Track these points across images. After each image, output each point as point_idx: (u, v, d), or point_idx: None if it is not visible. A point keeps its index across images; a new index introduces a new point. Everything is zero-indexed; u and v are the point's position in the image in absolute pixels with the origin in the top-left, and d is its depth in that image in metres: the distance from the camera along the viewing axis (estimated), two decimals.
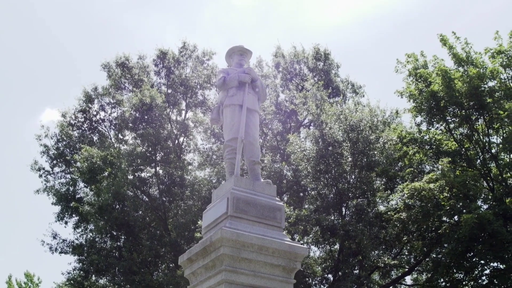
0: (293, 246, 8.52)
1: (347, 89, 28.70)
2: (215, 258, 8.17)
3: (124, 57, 28.48)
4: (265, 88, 10.33)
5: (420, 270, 26.46)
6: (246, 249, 8.16)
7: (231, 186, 8.81)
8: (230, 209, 8.51)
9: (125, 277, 21.78)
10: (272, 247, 8.31)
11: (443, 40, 22.44)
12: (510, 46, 21.43)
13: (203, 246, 8.37)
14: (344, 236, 19.08)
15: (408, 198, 20.30)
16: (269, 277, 8.28)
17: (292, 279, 8.51)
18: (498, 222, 18.05)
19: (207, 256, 8.36)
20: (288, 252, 8.44)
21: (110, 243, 24.27)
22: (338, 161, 20.42)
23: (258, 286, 8.13)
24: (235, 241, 8.06)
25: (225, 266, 8.00)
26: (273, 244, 8.33)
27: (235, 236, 8.06)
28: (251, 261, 8.20)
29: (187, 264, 8.87)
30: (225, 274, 7.97)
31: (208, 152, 28.00)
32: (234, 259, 8.08)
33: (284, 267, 8.43)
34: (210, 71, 27.79)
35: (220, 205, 8.78)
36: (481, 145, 22.19)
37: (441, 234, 21.16)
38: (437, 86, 21.81)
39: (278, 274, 8.38)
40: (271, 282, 8.27)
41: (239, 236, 8.10)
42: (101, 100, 28.49)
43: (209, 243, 8.20)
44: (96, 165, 23.54)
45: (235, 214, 8.51)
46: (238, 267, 8.08)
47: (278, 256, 8.38)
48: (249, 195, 8.77)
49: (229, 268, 8.01)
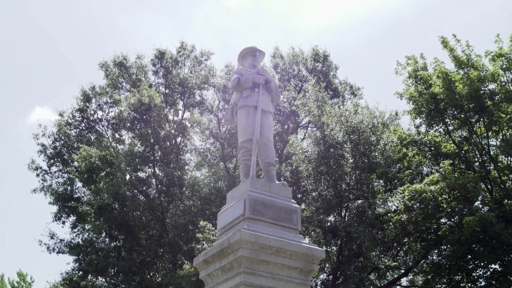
0: (311, 249, 8.51)
1: (346, 90, 28.75)
2: (233, 260, 8.13)
3: (122, 56, 28.39)
4: (278, 89, 10.31)
5: (416, 271, 26.56)
6: (264, 251, 8.13)
7: (248, 188, 8.78)
8: (248, 211, 8.48)
9: (125, 277, 21.70)
10: (290, 249, 8.29)
11: (444, 43, 22.56)
12: (510, 49, 21.56)
13: (220, 248, 8.33)
14: (345, 237, 19.10)
15: (409, 200, 20.35)
16: (287, 279, 8.26)
17: (309, 281, 8.50)
18: (499, 224, 18.15)
19: (224, 258, 8.32)
20: (306, 255, 8.42)
21: (109, 243, 24.16)
22: (339, 162, 20.44)
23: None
24: (254, 243, 8.03)
25: (243, 268, 7.97)
26: (291, 246, 8.31)
27: (253, 238, 8.03)
28: (269, 263, 8.17)
29: (203, 266, 8.83)
30: (244, 276, 7.94)
31: (206, 152, 27.96)
32: (253, 261, 8.05)
33: (301, 269, 8.42)
34: (208, 72, 27.75)
35: (237, 206, 8.74)
36: (480, 147, 22.32)
37: (441, 236, 21.25)
38: (437, 88, 21.93)
39: (295, 277, 8.36)
40: (288, 284, 8.25)
41: (258, 238, 8.07)
42: (98, 100, 28.38)
43: (227, 245, 8.16)
44: (95, 165, 23.42)
45: (252, 216, 8.48)
46: (256, 269, 8.05)
47: (296, 258, 8.36)
48: (266, 197, 8.75)
49: (248, 270, 7.98)
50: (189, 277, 19.02)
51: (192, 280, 18.87)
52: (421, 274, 25.77)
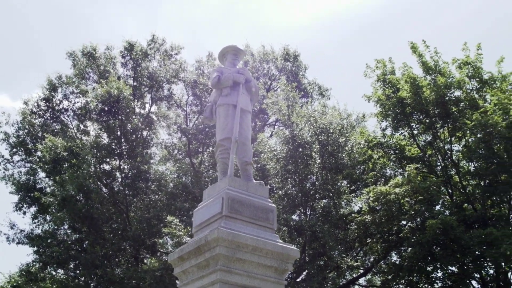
0: (286, 248, 8.61)
1: (314, 91, 29.01)
2: (209, 257, 8.17)
3: (91, 46, 28.01)
4: (258, 89, 10.39)
5: (375, 271, 27.05)
6: (241, 250, 8.19)
7: (226, 186, 8.83)
8: (225, 209, 8.53)
9: (87, 270, 21.44)
10: (266, 248, 8.37)
11: (413, 48, 22.95)
12: (476, 58, 22.10)
13: (197, 245, 8.35)
14: (310, 236, 19.32)
15: (373, 201, 20.71)
16: (262, 277, 8.34)
17: (284, 281, 8.60)
18: (460, 228, 18.63)
19: (200, 255, 8.35)
20: (281, 254, 8.52)
21: (71, 235, 23.83)
22: (306, 162, 20.65)
23: (251, 286, 8.18)
24: (231, 241, 8.08)
25: (220, 266, 8.01)
26: (267, 246, 8.39)
27: (231, 236, 8.09)
28: (245, 261, 8.24)
29: (178, 262, 8.83)
30: (220, 273, 7.99)
31: (172, 147, 27.87)
32: (229, 259, 8.11)
33: (276, 268, 8.51)
34: (179, 66, 27.61)
35: (214, 204, 8.78)
36: (443, 152, 22.83)
37: (402, 237, 21.70)
38: (405, 92, 22.32)
39: (270, 275, 8.45)
40: (263, 282, 8.33)
41: (235, 236, 8.13)
42: (65, 89, 27.94)
43: (204, 242, 8.19)
44: (60, 155, 23.06)
45: (229, 214, 8.53)
46: (232, 267, 8.11)
47: (271, 257, 8.45)
48: (243, 196, 8.82)
49: (224, 268, 8.03)
50: (153, 272, 18.94)
51: (156, 274, 18.80)
52: (380, 274, 26.28)
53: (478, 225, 19.99)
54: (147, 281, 18.67)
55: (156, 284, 18.60)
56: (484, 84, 21.94)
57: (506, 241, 17.51)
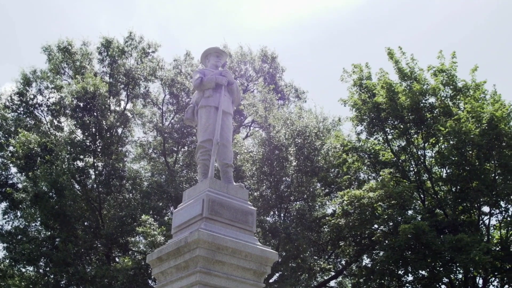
0: (265, 251, 8.66)
1: (291, 93, 29.14)
2: (189, 259, 8.17)
3: (67, 41, 27.67)
4: (239, 91, 10.43)
5: (346, 274, 27.29)
6: (221, 252, 8.21)
7: (207, 188, 8.84)
8: (206, 211, 8.54)
9: (59, 268, 21.18)
10: (245, 251, 8.41)
11: (390, 54, 23.24)
12: (451, 66, 22.48)
13: (176, 247, 8.35)
14: (285, 238, 19.41)
15: (347, 205, 20.91)
16: (241, 280, 8.38)
17: (262, 283, 8.65)
18: (432, 233, 18.94)
19: (180, 256, 8.34)
20: (260, 257, 8.57)
21: (44, 233, 23.52)
22: (282, 164, 20.75)
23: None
24: (211, 243, 8.10)
25: (199, 267, 8.02)
26: (246, 248, 8.43)
27: (211, 238, 8.11)
28: (225, 263, 8.27)
29: (157, 263, 8.81)
30: (200, 275, 7.99)
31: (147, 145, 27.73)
32: (209, 261, 8.13)
33: (255, 271, 8.55)
34: (157, 64, 27.46)
35: (194, 206, 8.79)
36: (416, 157, 23.17)
37: (375, 241, 21.97)
38: (381, 98, 22.59)
39: (249, 278, 8.49)
40: (242, 285, 8.36)
41: (215, 238, 8.15)
42: (39, 84, 27.58)
43: (184, 243, 8.19)
44: (33, 151, 22.75)
45: (210, 216, 8.55)
46: (212, 269, 8.13)
47: (250, 260, 8.49)
48: (223, 198, 8.84)
49: (204, 270, 8.04)
50: (126, 271, 18.82)
51: (130, 274, 18.68)
52: (351, 277, 26.54)
53: (448, 231, 20.36)
54: (120, 280, 18.54)
55: (129, 283, 18.50)
56: (458, 92, 22.34)
57: (476, 247, 17.87)
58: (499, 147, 20.19)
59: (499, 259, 19.44)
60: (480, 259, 17.54)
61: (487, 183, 20.18)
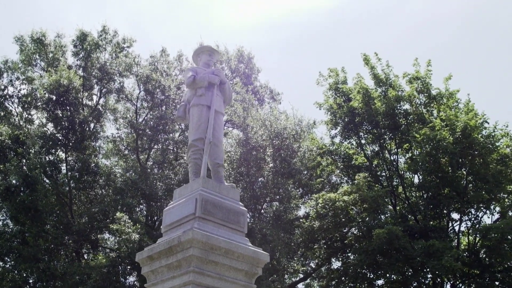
0: (257, 252, 8.66)
1: (266, 94, 29.18)
2: (182, 258, 8.11)
3: (40, 32, 27.14)
4: (231, 91, 10.41)
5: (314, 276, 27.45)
6: (214, 252, 8.18)
7: (199, 187, 8.79)
8: (199, 210, 8.49)
9: (28, 264, 20.73)
10: (238, 252, 8.40)
11: (366, 60, 23.50)
12: (426, 73, 22.86)
13: (168, 245, 8.27)
14: (261, 240, 19.44)
15: (321, 207, 21.04)
16: (233, 280, 8.36)
17: (253, 284, 8.65)
18: (404, 238, 19.22)
19: (172, 255, 8.28)
20: (252, 258, 8.56)
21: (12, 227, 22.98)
22: (259, 165, 20.78)
23: None
24: (205, 243, 8.06)
25: (193, 267, 7.96)
26: (239, 249, 8.42)
27: (205, 238, 8.07)
28: (218, 264, 8.24)
29: (147, 261, 8.71)
30: (193, 275, 7.94)
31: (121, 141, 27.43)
32: (202, 261, 8.09)
33: (246, 272, 8.55)
34: (133, 60, 27.16)
35: (187, 205, 8.72)
36: (389, 163, 23.48)
37: (347, 244, 22.18)
38: (356, 103, 22.82)
39: (240, 279, 8.48)
40: (234, 285, 8.34)
41: (209, 238, 8.12)
42: (10, 75, 26.98)
43: (177, 242, 8.12)
44: (4, 143, 22.22)
45: (203, 216, 8.50)
46: (205, 269, 8.09)
47: (242, 260, 8.48)
48: (216, 198, 8.81)
49: (197, 269, 7.99)
50: (100, 268, 18.55)
51: (103, 271, 18.43)
52: (320, 279, 26.71)
53: (420, 236, 20.67)
54: (93, 278, 18.26)
55: (102, 281, 18.23)
56: (432, 100, 22.73)
57: (447, 253, 18.18)
58: (471, 155, 20.58)
59: (467, 265, 19.83)
60: (451, 265, 17.85)
61: (458, 190, 20.58)
